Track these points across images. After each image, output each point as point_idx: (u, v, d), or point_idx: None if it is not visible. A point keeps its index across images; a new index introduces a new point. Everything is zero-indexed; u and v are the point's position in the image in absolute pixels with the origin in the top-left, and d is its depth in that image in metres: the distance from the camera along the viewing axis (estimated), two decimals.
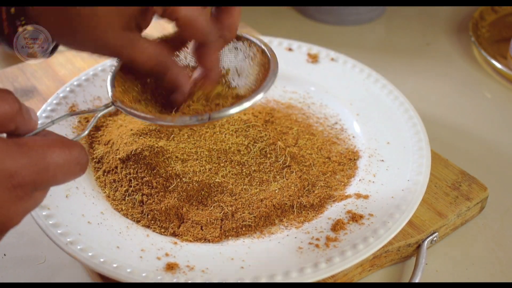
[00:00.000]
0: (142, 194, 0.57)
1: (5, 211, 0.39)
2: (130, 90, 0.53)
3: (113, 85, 0.51)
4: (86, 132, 0.48)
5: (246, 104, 0.49)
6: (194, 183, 0.57)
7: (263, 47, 0.54)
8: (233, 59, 0.55)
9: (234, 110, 0.49)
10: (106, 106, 0.50)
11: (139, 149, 0.58)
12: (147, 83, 0.54)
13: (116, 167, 0.59)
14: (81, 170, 0.42)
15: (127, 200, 0.57)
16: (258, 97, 0.50)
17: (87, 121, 0.65)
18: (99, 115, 0.50)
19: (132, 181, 0.57)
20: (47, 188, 0.42)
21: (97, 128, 0.64)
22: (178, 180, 0.57)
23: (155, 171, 0.57)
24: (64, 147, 0.41)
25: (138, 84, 0.53)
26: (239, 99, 0.51)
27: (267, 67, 0.52)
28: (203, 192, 0.57)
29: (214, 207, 0.56)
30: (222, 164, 0.60)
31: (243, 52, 0.55)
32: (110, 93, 0.50)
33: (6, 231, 0.40)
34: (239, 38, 0.55)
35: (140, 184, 0.57)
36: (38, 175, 0.40)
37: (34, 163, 0.39)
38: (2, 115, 0.39)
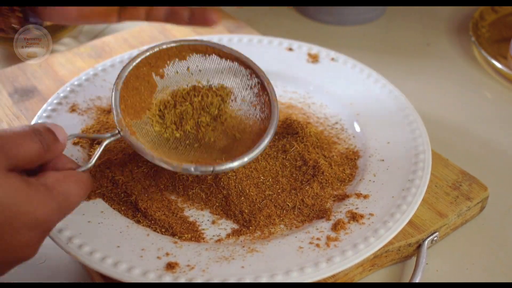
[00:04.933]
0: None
1: (34, 250, 0.45)
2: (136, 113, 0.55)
3: (118, 111, 0.53)
4: (92, 163, 0.50)
5: (247, 159, 0.53)
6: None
7: (265, 83, 0.58)
8: (238, 83, 0.59)
9: (236, 164, 0.53)
10: (113, 134, 0.52)
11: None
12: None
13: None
14: (87, 196, 0.52)
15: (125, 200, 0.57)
16: (260, 150, 0.54)
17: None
18: (105, 144, 0.51)
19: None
20: None
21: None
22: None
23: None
24: (81, 183, 0.46)
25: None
26: (237, 140, 0.57)
27: (267, 113, 0.57)
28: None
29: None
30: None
31: (245, 80, 0.59)
32: (116, 119, 0.53)
33: (24, 261, 0.45)
34: (244, 64, 0.59)
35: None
36: (63, 215, 0.45)
37: (62, 206, 0.44)
38: (26, 157, 0.43)
